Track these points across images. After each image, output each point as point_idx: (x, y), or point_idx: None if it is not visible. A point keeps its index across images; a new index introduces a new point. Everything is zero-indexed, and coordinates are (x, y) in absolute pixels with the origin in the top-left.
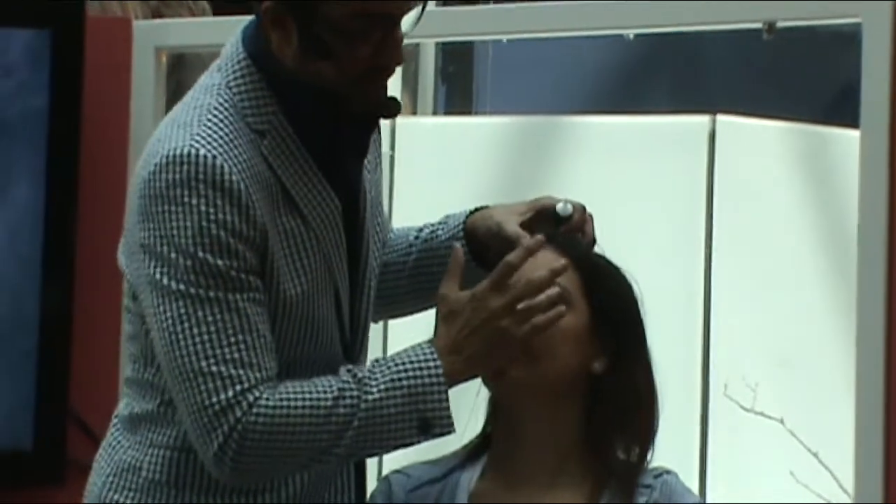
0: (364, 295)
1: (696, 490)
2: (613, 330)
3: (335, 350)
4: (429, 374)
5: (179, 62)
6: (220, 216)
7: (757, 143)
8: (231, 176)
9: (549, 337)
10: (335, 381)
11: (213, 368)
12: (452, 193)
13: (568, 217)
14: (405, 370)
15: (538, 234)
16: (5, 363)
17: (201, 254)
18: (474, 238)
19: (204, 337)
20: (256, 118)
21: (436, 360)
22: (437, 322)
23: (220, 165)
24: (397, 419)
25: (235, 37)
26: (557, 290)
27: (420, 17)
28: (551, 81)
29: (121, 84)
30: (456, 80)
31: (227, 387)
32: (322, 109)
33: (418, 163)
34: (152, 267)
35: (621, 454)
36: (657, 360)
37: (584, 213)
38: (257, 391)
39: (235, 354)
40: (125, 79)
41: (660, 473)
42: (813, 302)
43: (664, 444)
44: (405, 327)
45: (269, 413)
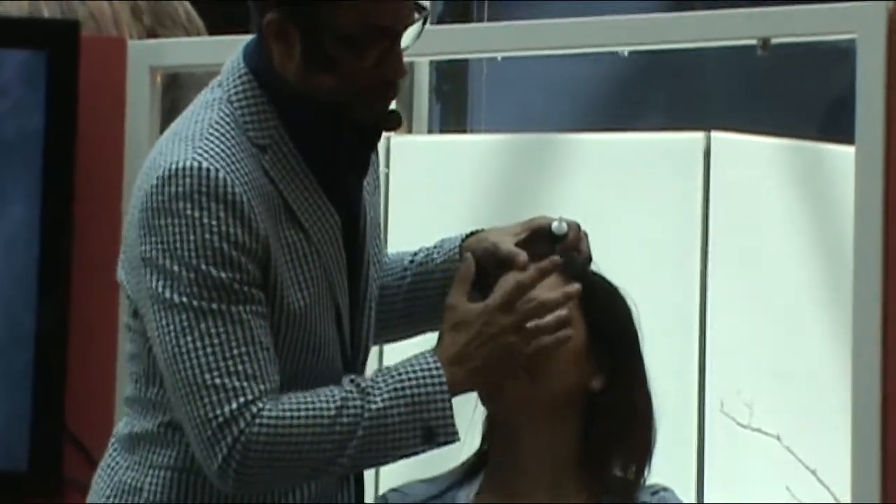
0: (364, 314)
1: None
2: (610, 348)
3: (336, 366)
4: (433, 383)
5: (174, 81)
6: (223, 228)
7: (752, 160)
8: (233, 189)
9: (547, 355)
10: (338, 391)
11: (217, 381)
12: (447, 211)
13: (563, 236)
14: (409, 379)
15: (533, 253)
16: (1, 380)
17: (204, 266)
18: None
19: (207, 350)
20: (258, 133)
21: (439, 370)
22: (443, 331)
23: (223, 178)
24: (401, 428)
25: (236, 53)
26: (566, 313)
27: (422, 31)
28: (546, 99)
29: (116, 103)
30: (450, 99)
31: (231, 399)
32: (323, 123)
33: (413, 180)
34: (154, 280)
35: (618, 471)
36: (654, 377)
37: (580, 232)
38: (260, 403)
39: (239, 367)
40: (120, 98)
41: (657, 490)
42: (809, 318)
43: (661, 461)
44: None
45: (273, 424)
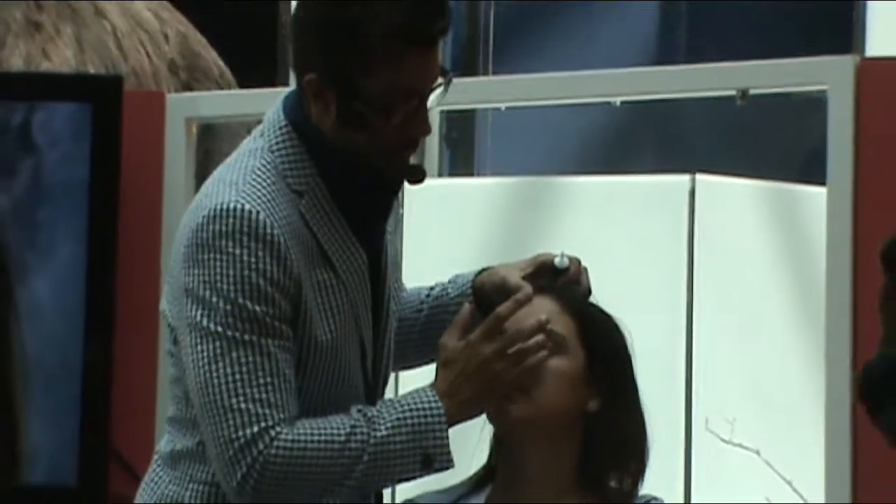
0: (385, 344)
1: None
2: (606, 372)
3: (359, 394)
4: (431, 415)
5: (208, 131)
6: (261, 266)
7: (733, 200)
8: (272, 230)
9: (549, 379)
10: (347, 420)
11: (242, 405)
12: (457, 248)
13: (565, 269)
14: (410, 410)
15: (537, 285)
16: (52, 406)
17: (241, 299)
18: (482, 294)
19: (236, 376)
20: (296, 179)
21: (437, 402)
22: (437, 368)
23: (263, 220)
24: (402, 454)
25: (276, 105)
26: (543, 337)
27: (445, 93)
28: (546, 145)
29: (155, 151)
30: (459, 145)
31: (253, 423)
32: (355, 174)
33: (425, 221)
34: (194, 309)
35: (615, 484)
36: (645, 399)
37: (580, 266)
38: (279, 428)
39: (263, 395)
40: (159, 146)
41: (649, 500)
42: (785, 344)
43: (652, 474)
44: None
45: (288, 447)
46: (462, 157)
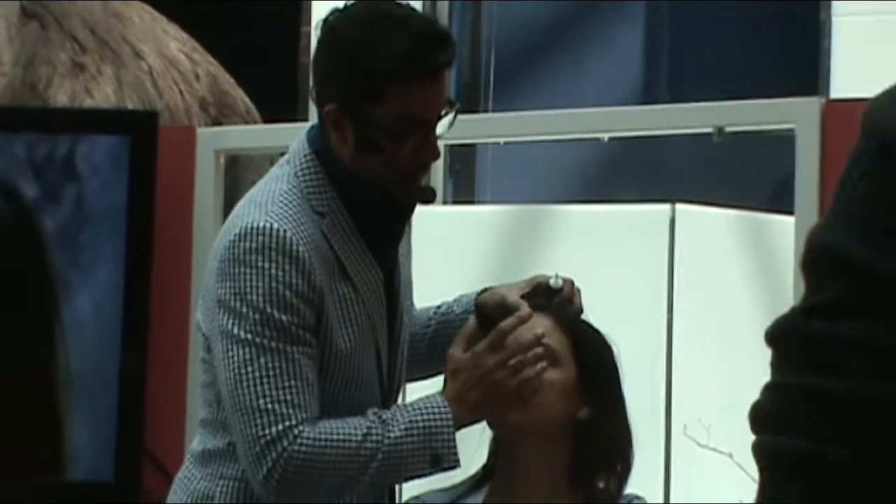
0: (399, 354)
1: None
2: (596, 383)
3: (376, 398)
4: (440, 418)
5: (235, 162)
6: (287, 279)
7: (710, 228)
8: (298, 247)
9: (542, 389)
10: (363, 421)
11: (269, 406)
12: (460, 270)
13: (559, 289)
14: (421, 414)
15: (534, 304)
16: (92, 411)
17: (269, 309)
18: (484, 312)
19: (263, 380)
20: (318, 202)
21: (446, 407)
22: (445, 377)
23: (289, 238)
24: (414, 454)
25: (301, 135)
26: (541, 349)
27: (453, 123)
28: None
29: (187, 180)
30: (461, 176)
31: (277, 422)
32: (371, 197)
33: (431, 245)
34: (225, 319)
35: (602, 484)
36: (630, 407)
37: (573, 286)
38: (301, 427)
39: (287, 396)
40: (190, 176)
41: (632, 500)
42: (756, 357)
43: (635, 475)
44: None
45: (310, 444)
46: (464, 187)
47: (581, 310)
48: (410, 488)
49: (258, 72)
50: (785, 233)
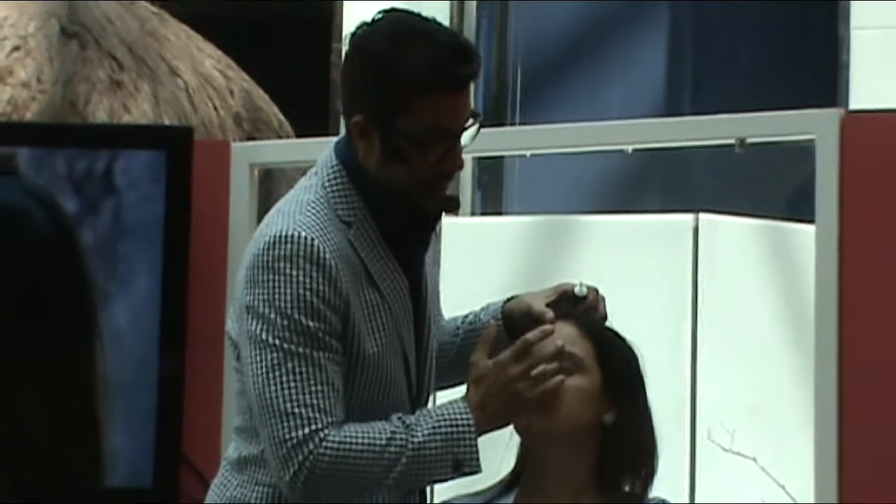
0: (427, 362)
1: None
2: (620, 389)
3: (404, 404)
4: (463, 424)
5: (268, 175)
6: (314, 286)
7: (732, 237)
8: (325, 255)
9: (568, 396)
10: (388, 426)
11: (296, 410)
12: (487, 279)
13: (584, 297)
14: (444, 420)
15: (559, 312)
16: (131, 418)
17: (297, 315)
18: (510, 320)
19: (291, 384)
20: (345, 212)
21: (468, 413)
22: (468, 384)
23: (317, 246)
24: (436, 458)
25: (329, 148)
26: (558, 364)
27: (477, 134)
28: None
29: (222, 193)
30: (489, 187)
31: (304, 425)
32: (397, 206)
33: (460, 254)
34: (254, 324)
35: (627, 488)
36: (655, 412)
37: (598, 294)
38: (327, 430)
39: (314, 400)
40: (225, 189)
41: (657, 502)
42: (779, 363)
43: (660, 479)
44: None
45: (335, 447)
46: (492, 198)
47: (606, 317)
48: (440, 493)
49: (291, 88)
50: (806, 241)
